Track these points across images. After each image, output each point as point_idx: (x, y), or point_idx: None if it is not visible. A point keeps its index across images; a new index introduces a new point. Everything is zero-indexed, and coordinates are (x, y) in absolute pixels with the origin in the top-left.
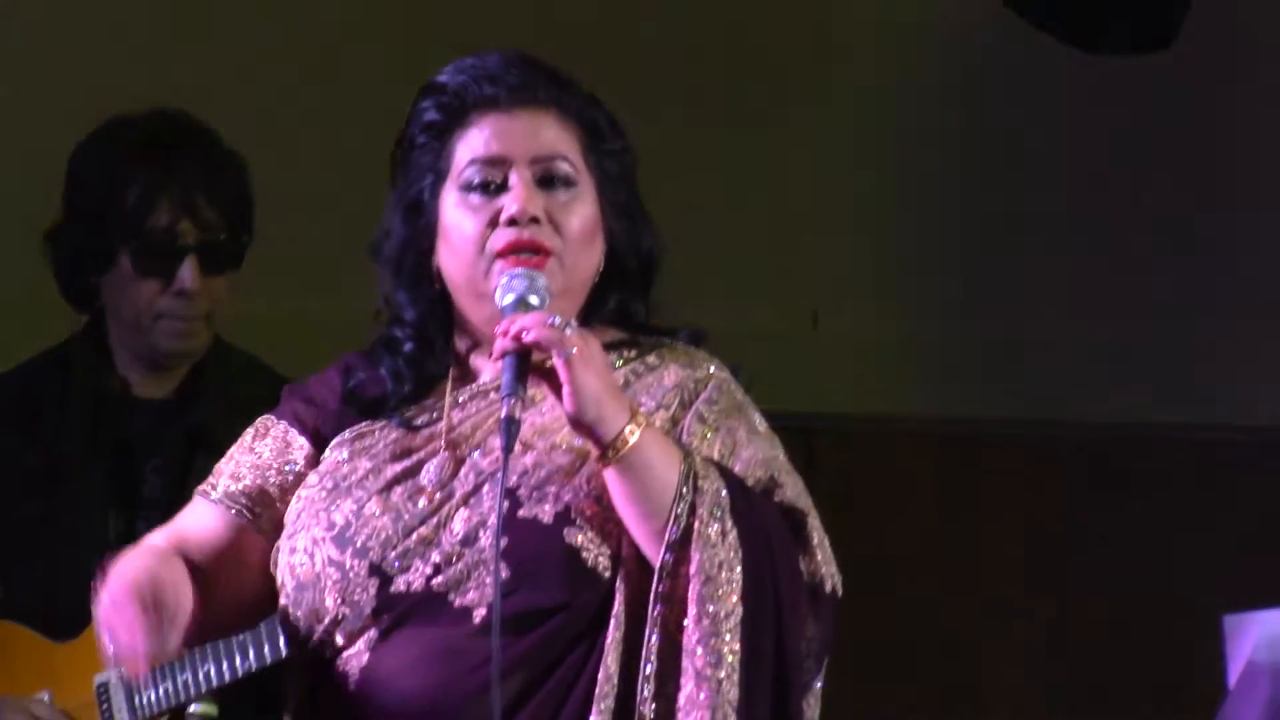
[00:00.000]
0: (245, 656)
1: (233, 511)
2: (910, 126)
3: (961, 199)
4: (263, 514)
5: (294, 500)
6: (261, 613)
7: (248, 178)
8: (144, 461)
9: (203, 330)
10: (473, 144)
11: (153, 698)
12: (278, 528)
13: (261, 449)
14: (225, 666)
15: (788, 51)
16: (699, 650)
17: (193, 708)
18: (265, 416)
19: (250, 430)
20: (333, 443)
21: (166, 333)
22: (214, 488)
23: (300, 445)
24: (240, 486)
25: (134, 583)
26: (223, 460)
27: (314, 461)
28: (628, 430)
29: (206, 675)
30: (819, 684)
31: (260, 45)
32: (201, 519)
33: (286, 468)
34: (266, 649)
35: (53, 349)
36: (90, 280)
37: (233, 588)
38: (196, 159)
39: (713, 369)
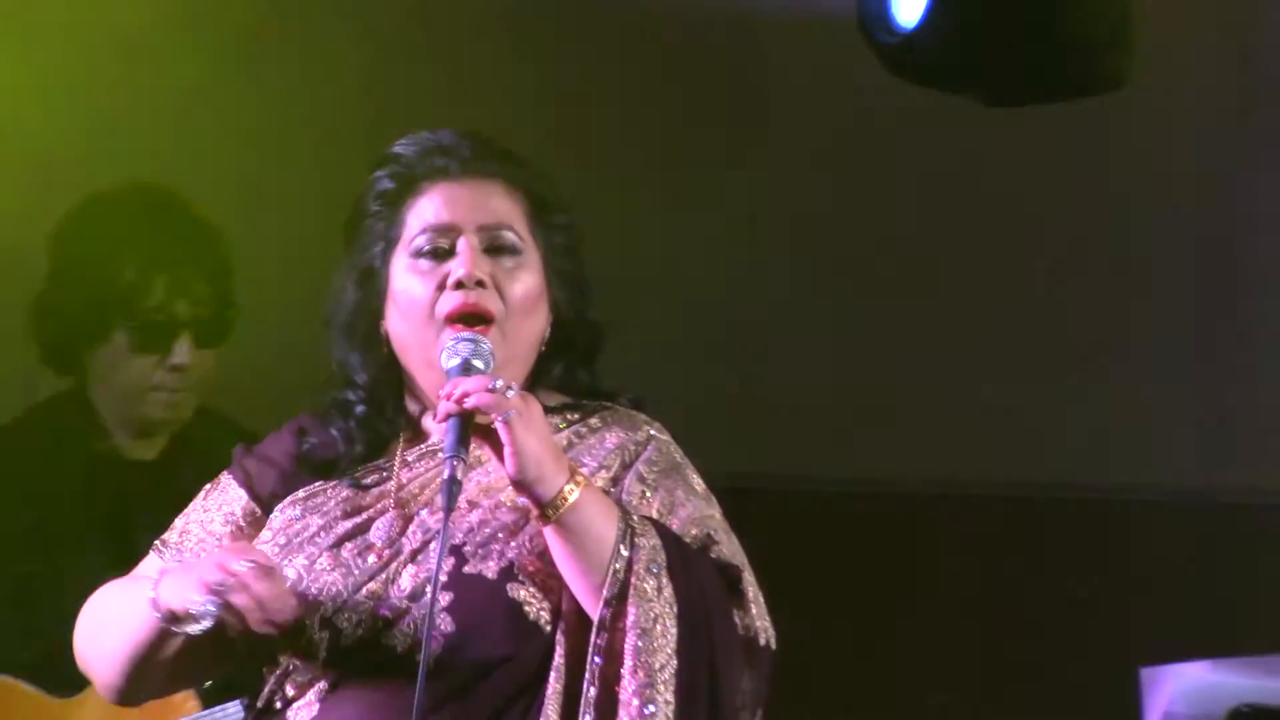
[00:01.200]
0: None
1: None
2: (823, 212)
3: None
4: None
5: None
6: (208, 656)
7: (228, 249)
8: (136, 521)
9: (191, 399)
10: (423, 212)
11: None
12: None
13: (210, 504)
14: None
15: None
16: (635, 702)
17: None
18: (221, 474)
19: (207, 486)
20: (285, 501)
21: (159, 403)
22: (165, 543)
23: (240, 499)
24: (189, 541)
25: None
26: (179, 515)
27: (252, 516)
28: (567, 489)
29: None
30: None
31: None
32: (155, 569)
33: (227, 522)
34: None
35: (34, 410)
36: (79, 350)
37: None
38: (184, 235)
39: (653, 431)
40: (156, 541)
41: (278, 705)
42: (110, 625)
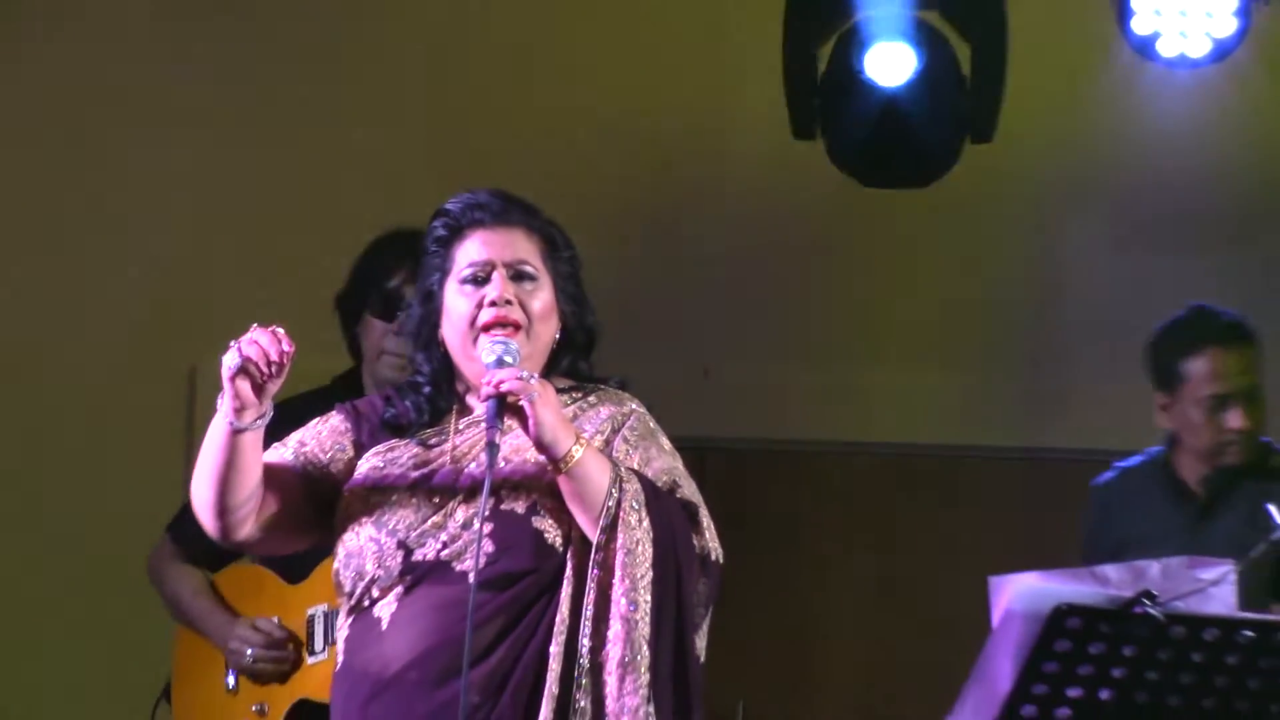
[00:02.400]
0: None
1: (298, 460)
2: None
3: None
4: (311, 468)
5: (343, 495)
6: (282, 500)
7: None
8: None
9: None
10: (468, 251)
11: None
12: (312, 476)
13: (322, 427)
14: None
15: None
16: (622, 601)
17: None
18: (330, 412)
19: (317, 419)
20: (369, 453)
21: (388, 365)
22: (286, 445)
23: (346, 428)
24: (306, 449)
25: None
26: (299, 431)
27: (348, 439)
28: (574, 449)
29: None
30: (705, 625)
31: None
32: (277, 456)
33: (336, 447)
34: None
35: (320, 389)
36: (355, 334)
37: (268, 494)
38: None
39: (634, 406)
40: (284, 440)
41: (365, 604)
42: (203, 454)
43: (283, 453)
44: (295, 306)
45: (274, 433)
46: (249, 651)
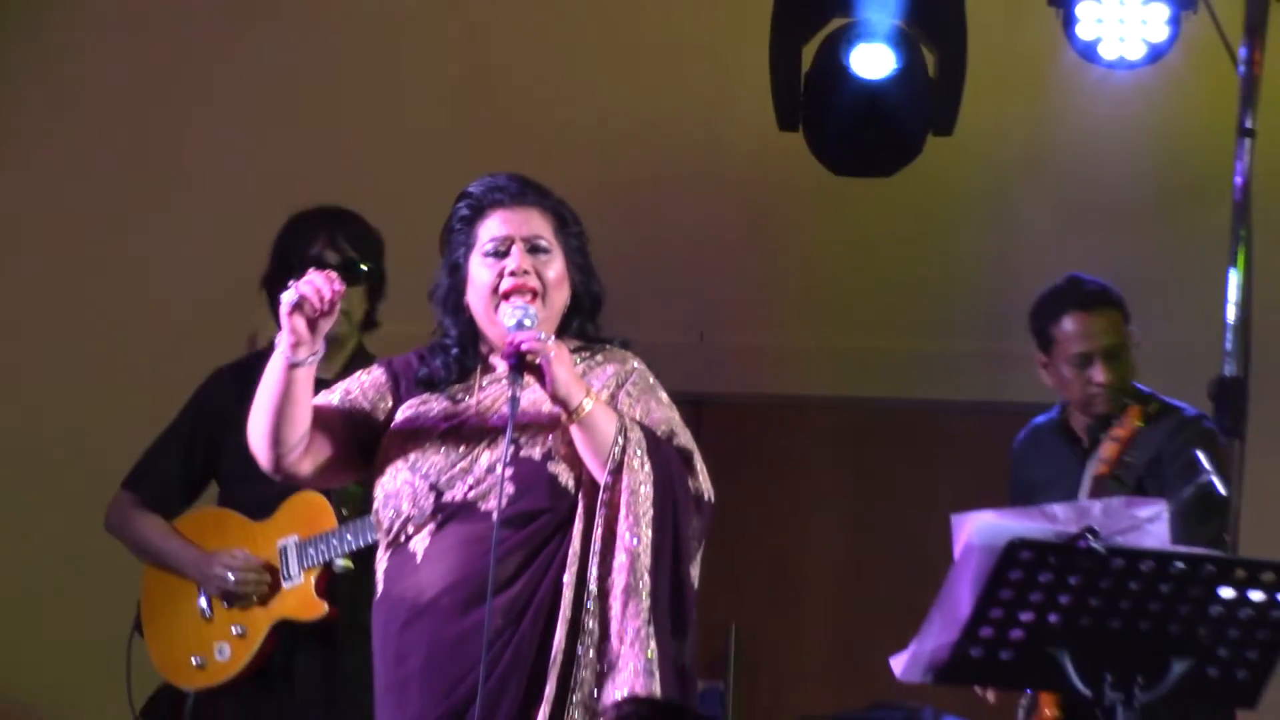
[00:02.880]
0: (365, 533)
1: (344, 404)
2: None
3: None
4: (355, 413)
5: (382, 441)
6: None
7: (372, 235)
8: None
9: (354, 334)
10: (489, 228)
11: (311, 553)
12: (356, 420)
13: (363, 378)
14: (354, 538)
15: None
16: (626, 535)
17: (337, 561)
18: (372, 366)
19: (361, 371)
20: (404, 405)
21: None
22: (333, 391)
23: (384, 380)
24: (350, 396)
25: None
26: (344, 381)
27: (387, 389)
28: (584, 402)
29: (344, 541)
30: (699, 557)
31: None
32: (325, 400)
33: (378, 396)
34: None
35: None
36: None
37: (317, 434)
38: (339, 220)
39: (635, 364)
40: (332, 388)
41: (402, 540)
42: (260, 390)
43: (330, 398)
44: None
45: (239, 385)
46: (230, 576)
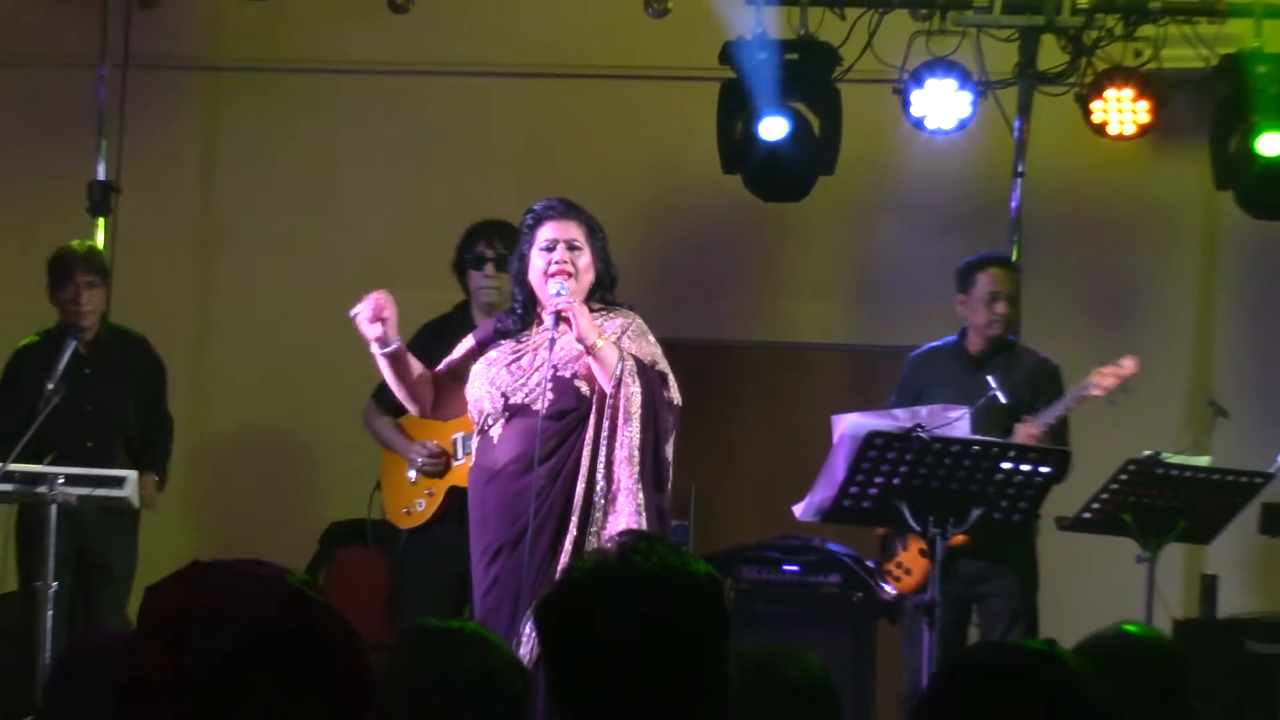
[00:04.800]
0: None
1: (452, 367)
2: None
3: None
4: (461, 370)
5: (472, 369)
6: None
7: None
8: None
9: None
10: (544, 233)
11: (470, 443)
12: (459, 372)
13: (463, 347)
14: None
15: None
16: (623, 425)
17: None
18: (468, 336)
19: (463, 341)
20: (489, 349)
21: (484, 294)
22: (453, 354)
23: (473, 346)
24: (453, 358)
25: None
26: (455, 349)
27: (479, 351)
28: (598, 342)
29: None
30: (672, 440)
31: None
32: (445, 364)
33: (469, 355)
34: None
35: (449, 313)
36: (463, 279)
37: (444, 385)
38: (497, 228)
39: (635, 319)
40: (445, 359)
41: (485, 429)
42: (384, 375)
43: (450, 359)
44: (445, 261)
45: (436, 335)
46: (420, 459)
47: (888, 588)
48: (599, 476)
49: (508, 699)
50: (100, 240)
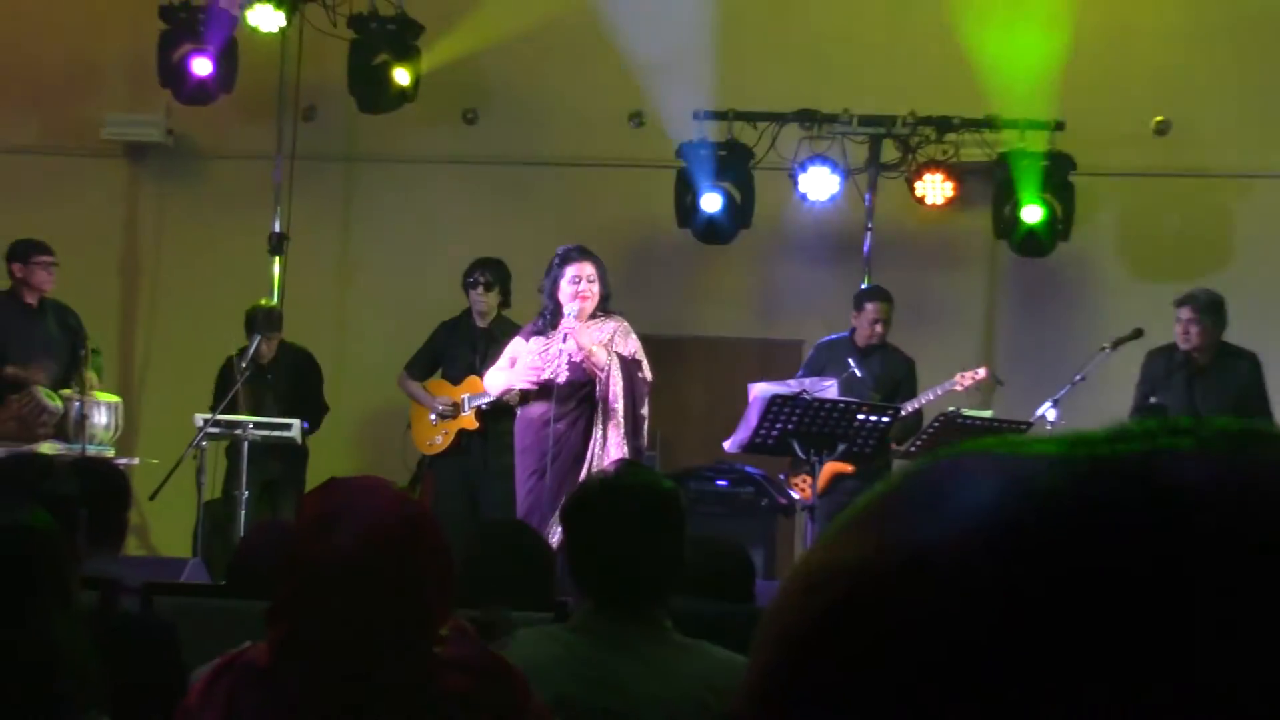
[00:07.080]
0: (484, 398)
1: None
2: None
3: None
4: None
5: (522, 352)
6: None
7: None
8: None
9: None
10: (569, 271)
11: (473, 401)
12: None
13: (512, 349)
14: (484, 401)
15: None
16: (612, 395)
17: (481, 405)
18: (518, 336)
19: (516, 340)
20: (528, 343)
21: (478, 306)
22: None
23: (521, 340)
24: (514, 354)
25: None
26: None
27: (521, 346)
28: (594, 347)
29: (483, 399)
30: (647, 404)
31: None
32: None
33: (512, 348)
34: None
35: (455, 318)
36: (468, 298)
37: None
38: (485, 266)
39: (624, 323)
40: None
41: (527, 393)
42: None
43: (513, 355)
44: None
45: (449, 330)
46: (440, 409)
47: (795, 494)
48: (597, 428)
49: (539, 565)
50: (276, 270)
